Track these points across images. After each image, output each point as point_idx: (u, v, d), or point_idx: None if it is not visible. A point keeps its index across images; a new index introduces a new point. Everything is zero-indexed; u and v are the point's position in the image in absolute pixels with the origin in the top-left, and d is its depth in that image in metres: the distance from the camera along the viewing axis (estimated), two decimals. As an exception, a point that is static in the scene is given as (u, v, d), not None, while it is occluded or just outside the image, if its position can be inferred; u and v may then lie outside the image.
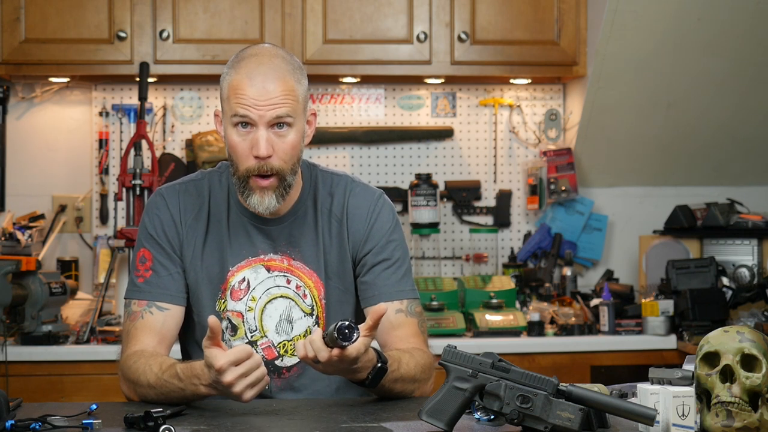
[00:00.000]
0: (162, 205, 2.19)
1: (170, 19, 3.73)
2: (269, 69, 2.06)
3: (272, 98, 2.05)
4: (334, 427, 1.81)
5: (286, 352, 2.17)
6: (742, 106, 3.96)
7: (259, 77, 2.05)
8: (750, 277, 3.79)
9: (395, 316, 2.15)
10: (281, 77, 2.06)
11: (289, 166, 2.09)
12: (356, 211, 2.20)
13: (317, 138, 4.04)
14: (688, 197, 4.09)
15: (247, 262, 2.17)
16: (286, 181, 2.10)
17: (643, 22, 3.68)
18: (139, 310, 2.14)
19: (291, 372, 2.17)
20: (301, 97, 2.10)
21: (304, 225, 2.19)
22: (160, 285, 2.15)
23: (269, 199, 2.09)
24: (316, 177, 2.23)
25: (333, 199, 2.21)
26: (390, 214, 2.22)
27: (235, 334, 2.17)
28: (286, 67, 2.09)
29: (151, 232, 2.18)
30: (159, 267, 2.16)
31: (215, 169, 2.25)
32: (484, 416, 1.81)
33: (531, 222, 4.19)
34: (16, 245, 3.56)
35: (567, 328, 3.62)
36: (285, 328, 2.17)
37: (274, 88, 2.05)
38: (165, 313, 2.14)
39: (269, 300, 2.17)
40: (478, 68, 3.85)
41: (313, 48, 3.76)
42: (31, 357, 3.35)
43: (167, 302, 2.14)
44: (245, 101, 2.04)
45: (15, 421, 1.75)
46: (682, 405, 1.67)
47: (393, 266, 2.18)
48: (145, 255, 2.17)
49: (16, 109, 4.01)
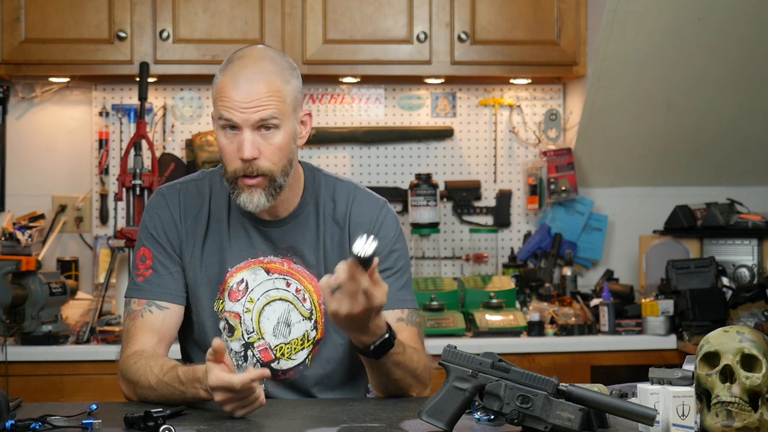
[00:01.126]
0: (162, 205, 2.19)
1: (170, 19, 3.73)
2: (253, 72, 2.06)
3: (255, 100, 2.04)
4: (334, 426, 1.81)
5: (283, 355, 2.16)
6: (742, 106, 3.96)
7: (243, 80, 2.05)
8: (750, 277, 3.79)
9: (396, 324, 2.13)
10: (266, 79, 2.05)
11: (279, 167, 2.08)
12: (359, 219, 2.19)
13: (317, 138, 4.05)
14: (688, 197, 4.09)
15: (246, 264, 2.16)
16: (276, 182, 2.09)
17: (643, 22, 3.69)
18: (138, 309, 2.13)
19: (287, 375, 2.17)
20: (289, 98, 2.08)
21: (306, 229, 2.18)
22: (160, 284, 2.14)
23: (258, 197, 2.08)
24: (319, 182, 2.22)
25: (335, 205, 2.20)
26: (393, 224, 2.21)
27: (232, 335, 2.16)
28: (273, 68, 2.07)
29: (152, 231, 2.18)
30: (159, 266, 2.15)
31: (216, 169, 2.24)
32: (484, 416, 1.81)
33: (531, 222, 4.19)
34: (16, 245, 3.56)
35: (567, 328, 3.62)
36: (283, 331, 2.16)
37: (257, 90, 2.04)
38: (164, 312, 2.13)
39: (267, 302, 2.16)
40: (478, 68, 3.85)
41: (313, 48, 3.77)
42: (31, 357, 3.35)
43: (167, 301, 2.14)
44: (229, 104, 2.04)
45: (15, 421, 1.75)
46: (682, 405, 1.67)
47: (394, 275, 2.17)
48: (146, 254, 2.16)
49: (16, 109, 4.01)
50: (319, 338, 2.17)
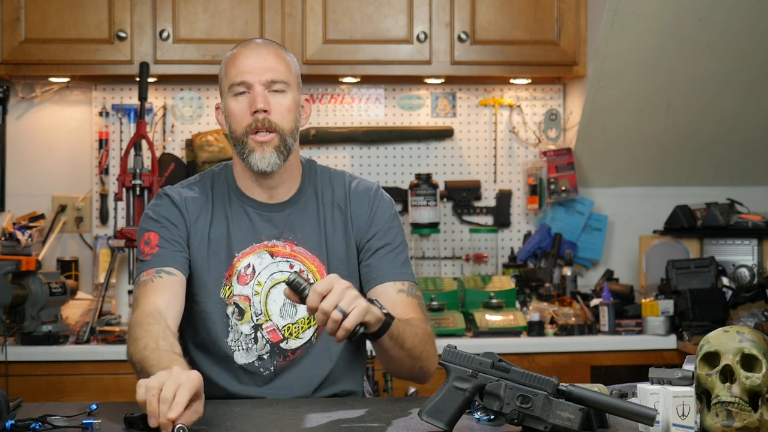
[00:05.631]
0: (167, 202, 2.25)
1: (170, 19, 3.73)
2: (262, 45, 2.24)
3: (267, 64, 2.19)
4: (334, 427, 1.81)
5: (291, 335, 2.21)
6: (742, 106, 3.96)
7: (253, 50, 2.22)
8: (750, 277, 3.78)
9: (396, 295, 2.21)
10: (274, 51, 2.22)
11: (288, 127, 2.20)
12: (358, 198, 2.28)
13: (317, 138, 4.05)
14: (688, 197, 4.09)
15: (252, 249, 2.23)
16: (286, 142, 2.19)
17: (643, 22, 3.69)
18: (148, 278, 2.16)
19: (296, 354, 2.22)
20: (294, 70, 2.24)
21: (306, 213, 2.26)
22: (167, 256, 2.18)
23: (270, 154, 2.18)
24: (315, 170, 2.32)
25: (334, 191, 2.28)
26: (389, 203, 2.31)
27: (242, 318, 2.21)
28: (279, 46, 2.26)
29: (156, 218, 2.23)
30: (165, 243, 2.19)
31: (215, 168, 2.32)
32: (484, 416, 1.81)
33: (531, 222, 4.19)
34: (16, 245, 3.56)
35: (567, 328, 3.62)
36: (289, 311, 2.22)
37: (268, 56, 2.20)
38: (173, 278, 2.16)
39: (273, 285, 2.22)
40: (478, 68, 3.85)
41: (313, 48, 3.77)
42: (31, 357, 3.35)
43: (175, 268, 2.17)
44: (242, 68, 2.19)
45: (15, 421, 1.75)
46: (682, 405, 1.68)
47: (395, 251, 2.25)
48: (150, 237, 2.20)
49: (16, 109, 4.01)
50: None
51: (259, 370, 2.20)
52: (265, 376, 2.20)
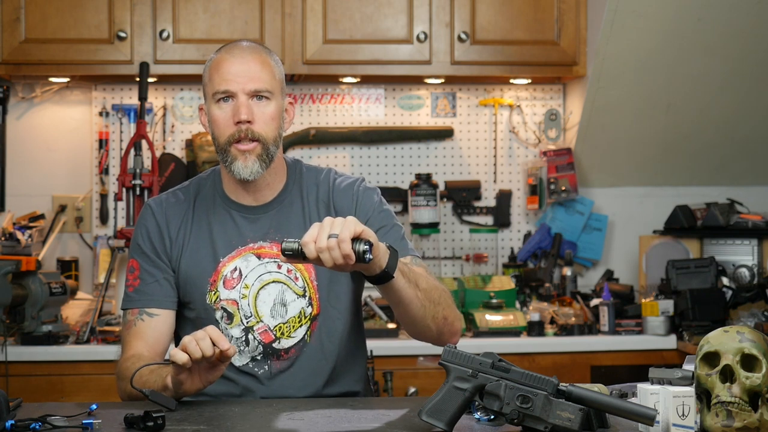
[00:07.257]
0: (148, 215, 2.29)
1: (170, 19, 3.73)
2: (246, 50, 2.22)
3: (251, 73, 2.18)
4: (335, 427, 1.81)
5: (283, 335, 2.22)
6: (742, 106, 3.96)
7: (238, 56, 2.21)
8: (750, 277, 3.78)
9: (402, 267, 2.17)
10: (258, 57, 2.21)
11: (271, 136, 2.20)
12: (341, 193, 2.27)
13: (317, 138, 4.05)
14: (688, 197, 4.09)
15: (237, 252, 2.23)
16: (269, 150, 2.19)
17: (643, 22, 3.68)
18: (132, 319, 2.23)
19: (289, 354, 2.22)
20: (278, 76, 2.23)
21: (291, 212, 2.26)
22: (147, 292, 2.23)
23: (252, 163, 2.19)
24: (300, 170, 2.32)
25: (318, 189, 2.29)
26: (374, 191, 2.30)
27: (231, 322, 2.22)
28: (262, 50, 2.24)
29: (139, 242, 2.28)
30: (145, 275, 2.24)
31: (203, 173, 2.35)
32: (484, 416, 1.81)
33: (531, 222, 4.19)
34: (16, 245, 3.56)
35: (567, 328, 3.62)
36: (280, 311, 2.22)
37: (252, 63, 2.19)
38: (155, 319, 2.22)
39: (262, 286, 2.22)
40: (478, 68, 3.85)
41: (313, 48, 3.76)
42: (31, 357, 3.35)
43: (155, 308, 2.23)
44: (226, 76, 2.19)
45: (15, 421, 1.75)
46: (682, 405, 1.67)
47: (390, 231, 2.24)
48: (133, 265, 2.27)
49: (16, 109, 4.01)
50: (316, 314, 2.23)
51: (255, 371, 2.21)
52: (262, 377, 2.20)
